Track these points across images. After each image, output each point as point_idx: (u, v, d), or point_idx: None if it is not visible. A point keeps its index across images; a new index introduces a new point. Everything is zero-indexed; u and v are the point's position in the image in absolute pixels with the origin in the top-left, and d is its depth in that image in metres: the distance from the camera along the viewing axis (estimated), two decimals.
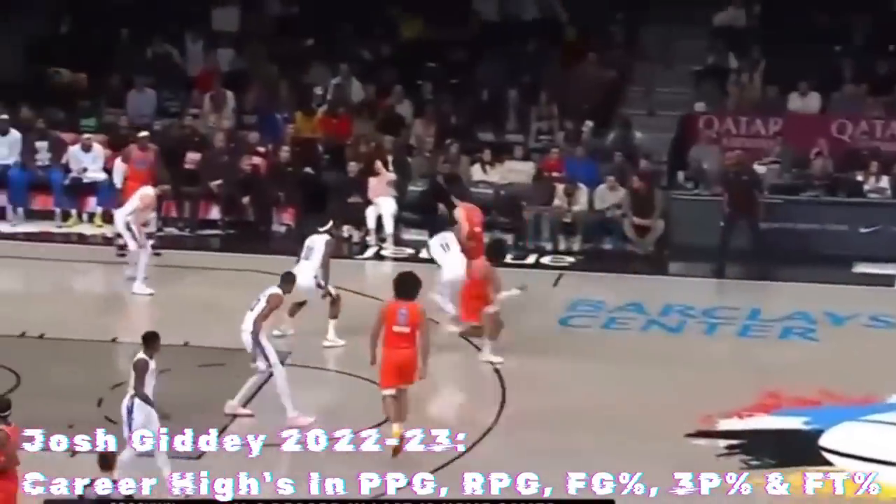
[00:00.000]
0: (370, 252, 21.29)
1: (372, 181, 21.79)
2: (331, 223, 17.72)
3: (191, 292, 19.13)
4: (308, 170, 22.52)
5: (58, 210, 22.11)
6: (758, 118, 23.03)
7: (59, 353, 16.93)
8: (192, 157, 22.47)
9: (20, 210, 22.13)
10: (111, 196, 21.49)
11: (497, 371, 16.61)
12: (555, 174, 22.16)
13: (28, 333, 17.51)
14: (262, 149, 22.73)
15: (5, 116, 22.46)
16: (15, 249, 20.96)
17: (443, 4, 25.16)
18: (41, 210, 22.24)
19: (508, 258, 20.74)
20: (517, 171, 22.46)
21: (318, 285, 17.18)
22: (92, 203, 22.12)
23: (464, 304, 17.19)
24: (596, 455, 14.11)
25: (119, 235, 19.58)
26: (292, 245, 18.86)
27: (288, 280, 15.75)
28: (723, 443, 15.09)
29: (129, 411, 13.58)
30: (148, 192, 19.38)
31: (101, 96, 23.85)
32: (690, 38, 24.53)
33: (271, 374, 15.29)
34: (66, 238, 21.67)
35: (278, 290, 15.50)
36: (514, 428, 15.43)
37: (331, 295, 17.22)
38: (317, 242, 17.36)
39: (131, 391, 13.61)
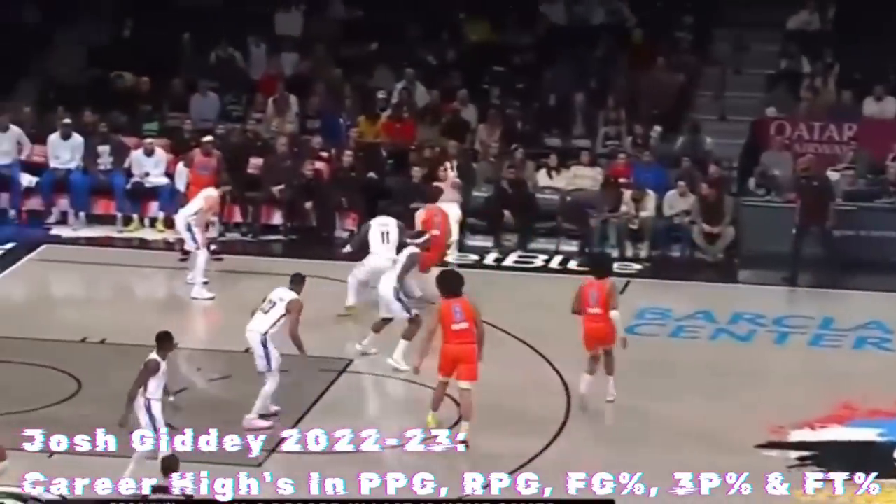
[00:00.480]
0: None
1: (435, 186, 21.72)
2: (425, 237, 17.45)
3: (252, 298, 19.05)
4: (371, 175, 22.54)
5: (119, 215, 22.22)
6: (831, 123, 22.80)
7: (120, 359, 16.94)
8: (255, 162, 22.54)
9: (82, 214, 22.25)
10: (173, 201, 21.62)
11: (563, 381, 16.51)
12: (622, 180, 22.05)
13: (89, 339, 17.63)
14: (325, 153, 22.76)
15: (68, 120, 22.59)
16: (76, 254, 21.08)
17: (510, 8, 25.13)
18: (103, 215, 22.33)
19: (573, 265, 20.79)
20: (584, 177, 22.35)
21: (398, 298, 16.87)
22: (154, 208, 22.23)
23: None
24: (663, 467, 13.99)
25: (182, 241, 19.66)
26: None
27: (298, 280, 15.68)
28: (794, 454, 14.95)
29: (148, 411, 13.74)
30: (211, 193, 19.48)
31: (163, 100, 23.98)
32: (762, 41, 24.34)
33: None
34: (128, 243, 21.79)
35: (294, 295, 15.47)
36: (578, 439, 15.35)
37: (408, 313, 16.83)
38: (402, 253, 17.22)
39: (145, 392, 13.77)
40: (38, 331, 17.65)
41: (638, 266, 21.05)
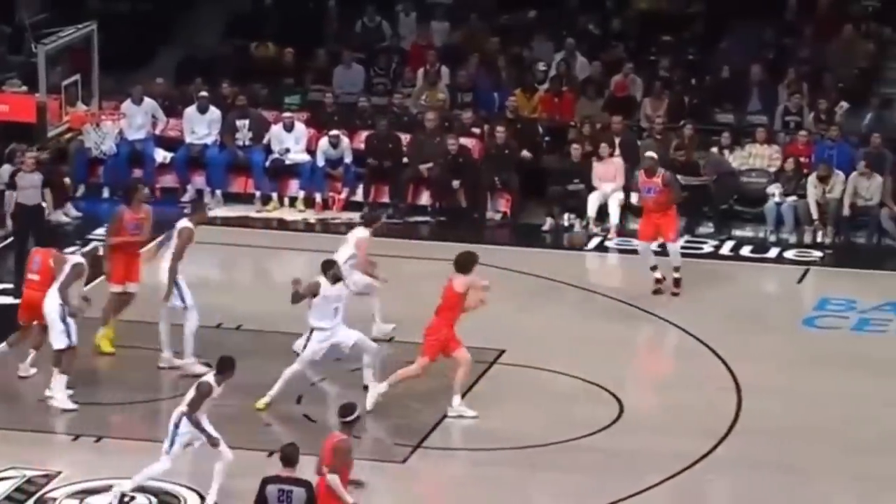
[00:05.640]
0: (593, 243, 21.20)
1: (597, 166, 21.75)
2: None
3: (402, 283, 19.28)
4: (526, 153, 22.57)
5: (258, 193, 22.51)
6: None
7: (256, 346, 17.26)
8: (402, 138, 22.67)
9: (218, 193, 22.54)
10: (314, 179, 21.78)
11: (734, 376, 16.41)
12: (802, 159, 21.80)
13: (224, 325, 17.91)
14: (476, 129, 22.84)
15: (205, 93, 22.92)
16: (212, 235, 21.27)
17: None
18: (240, 193, 22.59)
19: (747, 252, 20.66)
20: (759, 156, 22.15)
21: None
22: (294, 186, 22.48)
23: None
24: (836, 477, 13.86)
25: None
26: (507, 234, 18.95)
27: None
28: None
29: (176, 426, 13.89)
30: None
31: (305, 72, 24.24)
32: None
33: None
34: (266, 223, 22.06)
35: None
36: (746, 439, 15.28)
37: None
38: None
39: (184, 407, 13.91)
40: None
41: (819, 253, 20.81)
